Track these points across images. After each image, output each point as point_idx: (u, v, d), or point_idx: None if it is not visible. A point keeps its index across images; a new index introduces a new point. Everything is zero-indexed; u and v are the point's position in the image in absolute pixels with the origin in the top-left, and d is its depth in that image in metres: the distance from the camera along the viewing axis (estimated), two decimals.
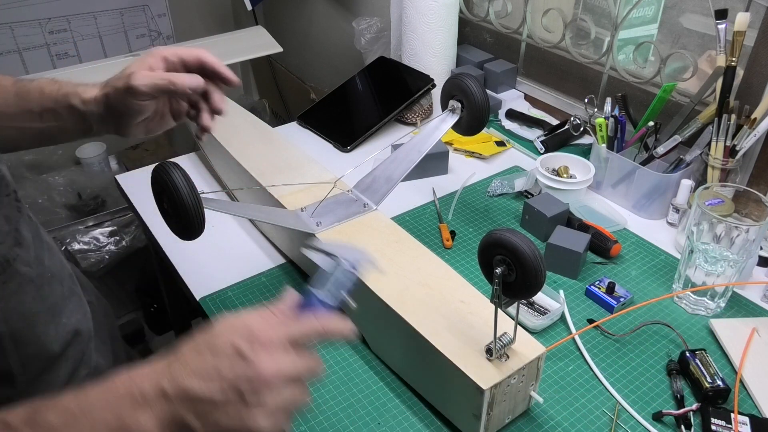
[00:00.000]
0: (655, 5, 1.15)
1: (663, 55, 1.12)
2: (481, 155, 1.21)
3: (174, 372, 0.45)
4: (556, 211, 0.97)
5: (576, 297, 0.89)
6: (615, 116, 1.07)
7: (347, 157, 1.23)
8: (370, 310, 0.77)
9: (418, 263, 0.78)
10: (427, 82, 1.30)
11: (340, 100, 1.37)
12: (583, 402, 0.74)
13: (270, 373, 0.45)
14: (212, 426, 0.45)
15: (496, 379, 0.63)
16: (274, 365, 0.45)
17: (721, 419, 0.69)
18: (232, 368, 0.45)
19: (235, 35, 1.66)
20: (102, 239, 1.84)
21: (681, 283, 0.88)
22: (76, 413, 0.44)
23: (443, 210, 1.06)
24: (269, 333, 0.47)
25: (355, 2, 1.83)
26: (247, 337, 0.46)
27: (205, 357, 0.46)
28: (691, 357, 0.76)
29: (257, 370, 0.45)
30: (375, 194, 0.89)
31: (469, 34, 1.51)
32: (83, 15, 2.24)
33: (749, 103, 0.97)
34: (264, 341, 0.46)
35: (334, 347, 0.80)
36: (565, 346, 0.81)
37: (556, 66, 1.32)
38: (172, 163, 0.69)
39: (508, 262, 0.61)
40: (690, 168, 1.02)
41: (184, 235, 0.71)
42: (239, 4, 2.16)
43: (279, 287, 0.90)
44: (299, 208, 0.87)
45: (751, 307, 0.88)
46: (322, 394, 0.74)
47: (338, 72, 2.00)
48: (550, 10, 1.29)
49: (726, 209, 0.89)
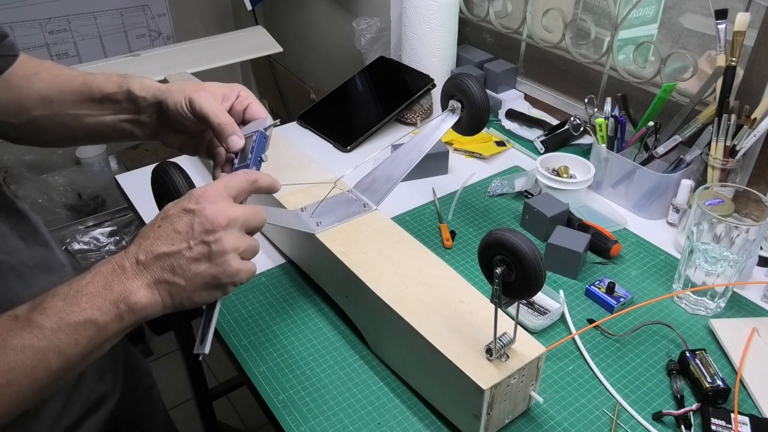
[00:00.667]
0: (655, 5, 1.15)
1: (663, 55, 1.12)
2: (481, 155, 1.22)
3: (143, 245, 0.53)
4: (556, 211, 0.97)
5: (576, 297, 0.89)
6: (615, 116, 1.07)
7: (347, 157, 1.23)
8: (370, 310, 0.77)
9: (418, 263, 0.78)
10: (427, 82, 1.30)
11: (340, 100, 1.37)
12: (583, 402, 0.74)
13: (216, 214, 0.53)
14: (193, 278, 0.53)
15: (496, 379, 0.63)
16: (218, 209, 0.54)
17: (721, 419, 0.69)
18: (185, 222, 0.53)
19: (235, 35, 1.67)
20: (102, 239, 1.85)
21: (681, 283, 0.88)
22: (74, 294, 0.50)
23: (443, 210, 1.06)
24: (209, 190, 0.55)
25: (355, 2, 1.83)
26: (190, 199, 0.55)
27: (163, 225, 0.54)
28: (691, 357, 0.76)
29: (205, 215, 0.53)
30: (375, 194, 0.89)
31: (469, 34, 1.51)
32: (83, 15, 2.25)
33: (749, 103, 0.97)
34: (206, 196, 0.55)
35: (334, 347, 0.80)
36: (565, 346, 0.81)
37: (556, 66, 1.32)
38: (172, 163, 0.69)
39: (508, 262, 0.61)
40: (690, 168, 1.02)
41: None
42: (239, 4, 2.16)
43: (279, 287, 0.90)
44: (299, 208, 0.87)
45: (751, 307, 0.88)
46: (322, 394, 0.74)
47: (338, 72, 2.00)
48: (550, 10, 1.29)
49: (726, 209, 0.89)
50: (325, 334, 0.82)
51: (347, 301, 0.82)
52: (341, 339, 0.82)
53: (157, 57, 1.48)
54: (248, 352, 0.80)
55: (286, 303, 0.87)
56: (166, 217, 0.54)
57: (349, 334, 0.83)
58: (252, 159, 0.67)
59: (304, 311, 0.86)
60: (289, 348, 0.80)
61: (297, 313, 0.86)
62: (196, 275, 0.53)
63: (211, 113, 0.67)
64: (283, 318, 0.85)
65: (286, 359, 0.79)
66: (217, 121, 0.67)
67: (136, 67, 1.43)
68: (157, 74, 1.35)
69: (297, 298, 0.88)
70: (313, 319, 0.85)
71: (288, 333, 0.82)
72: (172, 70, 1.36)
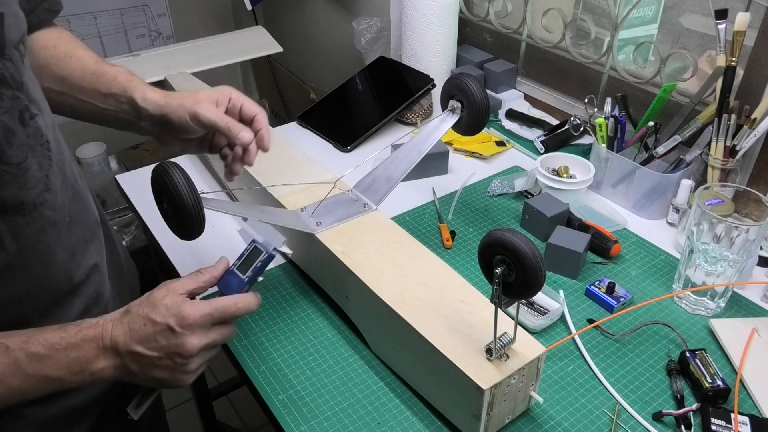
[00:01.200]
0: (655, 5, 1.15)
1: (663, 55, 1.12)
2: (481, 155, 1.22)
3: (126, 337, 0.61)
4: (556, 211, 0.97)
5: (576, 297, 0.89)
6: (615, 116, 1.07)
7: (347, 157, 1.23)
8: (370, 310, 0.77)
9: (418, 263, 0.78)
10: (427, 82, 1.30)
11: (340, 100, 1.37)
12: (583, 402, 0.74)
13: (193, 348, 0.62)
14: (149, 375, 0.63)
15: (496, 379, 0.63)
16: (196, 341, 0.62)
17: (721, 419, 0.69)
18: (166, 340, 0.61)
19: (235, 35, 1.66)
20: None
21: (681, 283, 0.88)
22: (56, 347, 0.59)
23: (443, 210, 1.06)
24: (195, 317, 0.62)
25: (355, 2, 1.83)
26: (178, 320, 0.62)
27: (148, 328, 0.62)
28: (691, 357, 0.76)
29: (184, 345, 0.62)
30: (375, 194, 0.89)
31: (469, 34, 1.51)
32: (83, 15, 2.25)
33: (749, 103, 0.97)
34: (191, 323, 0.62)
35: (334, 347, 0.80)
36: (565, 346, 0.81)
37: (556, 66, 1.32)
38: (172, 163, 0.69)
39: (508, 262, 0.61)
40: (690, 168, 1.02)
41: (184, 235, 0.71)
42: (239, 4, 2.16)
43: (279, 287, 0.90)
44: (299, 208, 0.87)
45: (751, 307, 0.88)
46: (322, 394, 0.74)
47: (338, 72, 2.00)
48: (550, 10, 1.29)
49: (726, 209, 0.89)
50: (325, 334, 0.82)
51: (347, 301, 0.82)
52: (341, 339, 0.82)
53: (157, 57, 1.48)
54: (248, 352, 0.80)
55: (286, 303, 0.87)
56: (153, 321, 0.62)
57: (349, 334, 0.83)
58: (250, 276, 0.68)
59: (304, 311, 0.86)
60: (289, 348, 0.80)
61: (297, 313, 0.86)
62: (154, 377, 0.63)
63: (219, 120, 0.74)
64: (283, 318, 0.85)
65: (286, 359, 0.79)
66: (225, 126, 0.74)
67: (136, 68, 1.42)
68: (157, 74, 1.35)
69: (297, 298, 0.88)
70: (313, 319, 0.85)
71: (288, 333, 0.82)
72: (172, 70, 1.36)
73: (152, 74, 1.36)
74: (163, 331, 0.61)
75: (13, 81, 0.58)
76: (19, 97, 0.58)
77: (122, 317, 0.63)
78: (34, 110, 0.60)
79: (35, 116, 0.60)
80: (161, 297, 0.63)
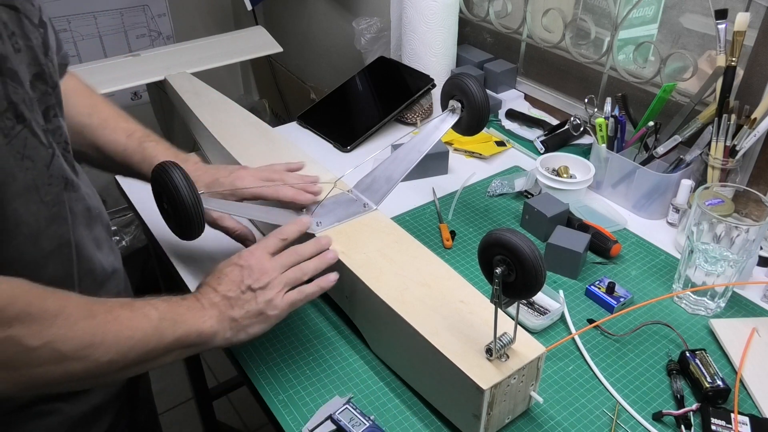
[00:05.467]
0: (655, 5, 1.15)
1: (663, 55, 1.12)
2: (481, 155, 1.22)
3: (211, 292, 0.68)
4: (556, 211, 0.97)
5: (576, 297, 0.89)
6: (615, 116, 1.07)
7: (347, 157, 1.23)
8: (370, 310, 0.77)
9: (418, 263, 0.78)
10: (427, 82, 1.30)
11: (340, 100, 1.37)
12: (583, 402, 0.74)
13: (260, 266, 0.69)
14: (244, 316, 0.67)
15: (496, 379, 0.63)
16: (256, 260, 0.70)
17: (721, 419, 0.69)
18: (239, 272, 0.69)
19: (235, 35, 1.66)
20: None
21: (681, 283, 0.88)
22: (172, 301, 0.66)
23: (443, 210, 1.06)
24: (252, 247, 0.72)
25: (355, 2, 1.83)
26: (238, 256, 0.71)
27: (222, 277, 0.69)
28: (691, 357, 0.76)
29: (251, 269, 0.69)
30: (375, 194, 0.89)
31: (469, 34, 1.51)
32: (83, 15, 2.25)
33: (749, 103, 0.97)
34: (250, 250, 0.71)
35: (334, 347, 0.80)
36: (565, 346, 0.81)
37: (556, 66, 1.32)
38: (172, 163, 0.69)
39: (508, 262, 0.61)
40: (690, 168, 1.02)
41: (184, 235, 0.72)
42: (239, 4, 2.16)
43: None
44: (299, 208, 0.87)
45: (751, 307, 0.88)
46: (322, 394, 0.74)
47: (338, 72, 2.00)
48: (550, 10, 1.29)
49: (726, 209, 0.89)
50: (325, 334, 0.82)
51: (347, 301, 0.82)
52: (341, 339, 0.82)
53: (157, 57, 1.48)
54: (248, 352, 0.80)
55: None
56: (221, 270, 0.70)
57: (349, 334, 0.83)
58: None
59: (304, 311, 0.86)
60: (289, 348, 0.80)
61: (297, 313, 0.86)
62: (249, 314, 0.68)
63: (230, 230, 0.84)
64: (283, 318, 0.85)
65: (286, 359, 0.79)
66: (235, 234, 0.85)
67: (136, 67, 1.43)
68: (157, 74, 1.35)
69: None
70: (313, 319, 0.85)
71: (288, 333, 0.82)
72: (172, 70, 1.35)
73: (152, 74, 1.36)
74: (231, 270, 0.69)
75: (50, 79, 0.63)
76: (49, 94, 0.63)
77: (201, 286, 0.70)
78: (58, 112, 0.65)
79: (58, 117, 0.65)
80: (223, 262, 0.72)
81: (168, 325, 0.62)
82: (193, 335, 0.64)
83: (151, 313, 0.62)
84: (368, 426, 0.68)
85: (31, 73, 0.60)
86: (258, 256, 0.70)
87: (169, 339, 0.62)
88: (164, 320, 0.62)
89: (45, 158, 0.60)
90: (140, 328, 0.60)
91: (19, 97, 0.56)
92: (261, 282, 0.68)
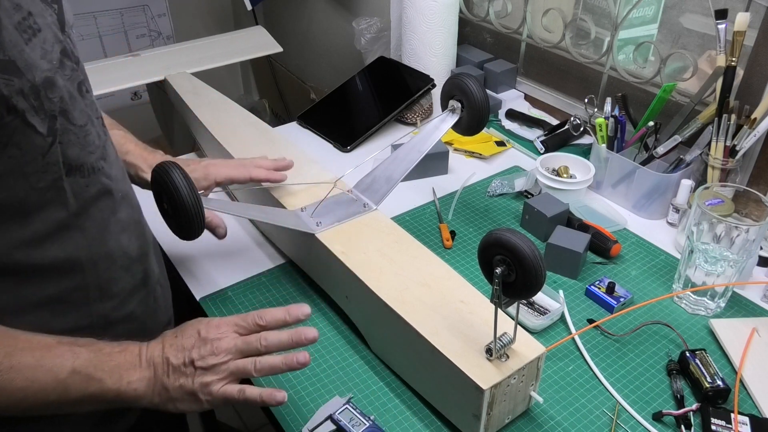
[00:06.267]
0: (655, 5, 1.15)
1: (663, 55, 1.12)
2: (481, 155, 1.22)
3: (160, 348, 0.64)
4: (556, 211, 0.97)
5: (576, 297, 0.89)
6: (615, 116, 1.07)
7: (347, 157, 1.23)
8: (370, 310, 0.77)
9: (418, 263, 0.78)
10: (427, 82, 1.30)
11: (340, 100, 1.37)
12: (583, 402, 0.74)
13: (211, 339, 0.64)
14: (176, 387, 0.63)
15: (496, 379, 0.63)
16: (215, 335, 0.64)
17: (721, 419, 0.69)
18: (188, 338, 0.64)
19: (235, 35, 1.66)
20: None
21: (681, 283, 0.88)
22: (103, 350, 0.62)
23: (443, 210, 1.06)
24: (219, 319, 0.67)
25: (355, 2, 1.83)
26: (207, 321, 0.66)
27: (178, 339, 0.65)
28: (691, 357, 0.76)
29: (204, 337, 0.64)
30: (375, 194, 0.89)
31: (469, 34, 1.51)
32: (83, 15, 2.25)
33: (749, 103, 0.97)
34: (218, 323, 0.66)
35: (334, 347, 0.80)
36: (565, 346, 0.81)
37: (556, 66, 1.32)
38: (172, 163, 0.69)
39: (508, 262, 0.61)
40: (690, 168, 1.02)
41: (184, 235, 0.71)
42: (239, 4, 2.16)
43: (279, 287, 0.90)
44: (299, 208, 0.87)
45: (751, 307, 0.88)
46: (322, 394, 0.74)
47: (338, 72, 2.00)
48: (550, 10, 1.29)
49: (726, 209, 0.89)
50: (325, 334, 0.82)
51: (347, 301, 0.82)
52: (341, 339, 0.82)
53: (157, 57, 1.48)
54: None
55: (286, 303, 0.87)
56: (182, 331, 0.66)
57: (349, 334, 0.83)
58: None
59: None
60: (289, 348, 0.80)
61: None
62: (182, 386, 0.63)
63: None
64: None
65: None
66: None
67: (137, 67, 1.43)
68: (157, 74, 1.35)
69: (297, 298, 0.88)
70: (313, 319, 0.85)
71: None
72: (172, 70, 1.35)
73: (152, 74, 1.36)
74: (190, 335, 0.65)
75: (72, 55, 0.62)
76: (76, 70, 0.63)
77: (158, 338, 0.66)
78: (88, 87, 0.66)
79: (90, 91, 0.66)
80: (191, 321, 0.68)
81: (79, 381, 0.59)
82: (110, 395, 0.61)
83: (64, 363, 0.58)
84: (368, 426, 0.68)
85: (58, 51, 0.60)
86: (221, 332, 0.65)
87: (76, 395, 0.59)
88: (77, 374, 0.59)
89: (41, 147, 0.59)
90: (38, 380, 0.57)
91: (14, 88, 0.55)
92: (206, 362, 0.63)
